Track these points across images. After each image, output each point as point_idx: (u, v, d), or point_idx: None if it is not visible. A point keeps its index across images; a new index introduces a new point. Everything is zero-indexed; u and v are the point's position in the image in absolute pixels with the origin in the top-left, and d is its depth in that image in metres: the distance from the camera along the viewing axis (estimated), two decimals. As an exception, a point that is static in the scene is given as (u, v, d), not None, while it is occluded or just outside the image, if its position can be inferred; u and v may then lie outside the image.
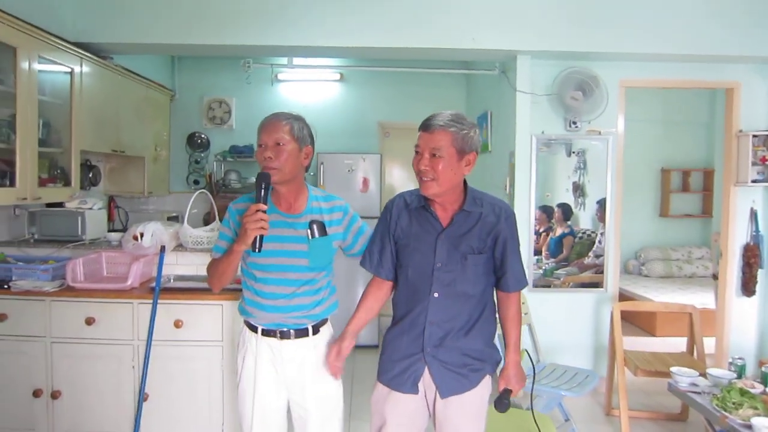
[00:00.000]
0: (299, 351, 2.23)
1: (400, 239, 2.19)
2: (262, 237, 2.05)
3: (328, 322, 2.35)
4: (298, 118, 2.22)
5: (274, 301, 2.19)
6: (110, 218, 4.84)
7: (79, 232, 3.71)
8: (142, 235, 3.42)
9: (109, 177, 5.08)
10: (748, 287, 4.59)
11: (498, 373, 2.26)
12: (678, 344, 4.83)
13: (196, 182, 6.36)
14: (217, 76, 6.44)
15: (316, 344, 2.26)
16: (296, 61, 5.41)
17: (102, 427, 3.20)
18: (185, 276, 3.61)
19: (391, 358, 2.19)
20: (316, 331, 2.26)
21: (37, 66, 3.36)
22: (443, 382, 2.12)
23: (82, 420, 3.19)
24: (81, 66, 3.89)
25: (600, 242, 4.56)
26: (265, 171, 2.11)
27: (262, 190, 2.06)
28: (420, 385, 2.15)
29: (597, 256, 4.56)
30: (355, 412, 3.91)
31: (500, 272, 2.18)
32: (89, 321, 3.13)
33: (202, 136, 6.44)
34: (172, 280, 3.52)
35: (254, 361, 2.24)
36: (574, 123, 4.43)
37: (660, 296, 6.21)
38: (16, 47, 3.17)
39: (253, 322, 2.26)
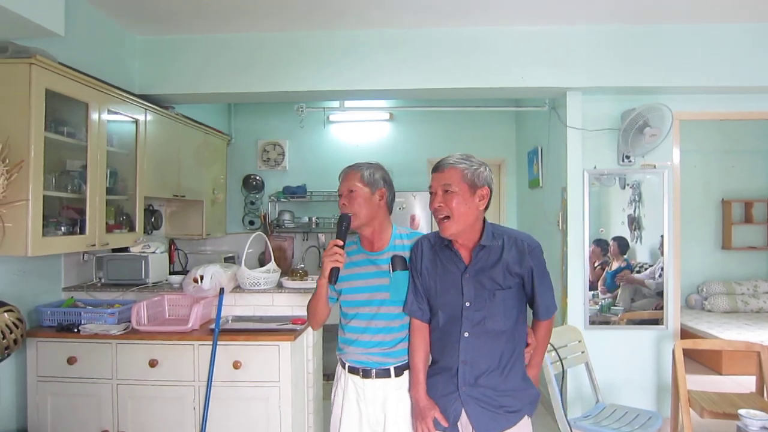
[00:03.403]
0: (381, 391, 2.29)
1: (427, 281, 2.23)
2: (338, 270, 2.21)
3: None
4: (370, 165, 2.37)
5: (357, 335, 2.31)
6: (171, 260, 5.00)
7: (143, 276, 3.86)
8: (201, 277, 3.52)
9: (170, 220, 5.27)
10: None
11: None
12: (745, 382, 4.62)
13: (251, 223, 6.53)
14: (271, 120, 6.65)
15: (399, 386, 2.30)
16: (347, 103, 5.54)
17: (165, 467, 3.27)
18: (243, 317, 3.70)
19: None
20: (399, 373, 2.30)
21: (105, 118, 3.53)
22: (479, 422, 2.13)
23: (146, 461, 3.27)
24: (145, 116, 4.06)
25: (660, 275, 4.44)
26: (348, 214, 2.30)
27: (342, 229, 2.26)
28: (459, 425, 2.17)
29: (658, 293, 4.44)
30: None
31: (530, 303, 2.23)
32: (152, 363, 3.24)
33: (257, 177, 6.63)
34: (230, 321, 3.60)
35: (342, 397, 2.35)
36: (628, 157, 4.37)
37: (725, 332, 5.92)
38: (88, 102, 3.35)
39: (343, 358, 2.38)
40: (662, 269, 4.43)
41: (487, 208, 2.18)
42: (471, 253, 2.17)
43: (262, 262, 5.77)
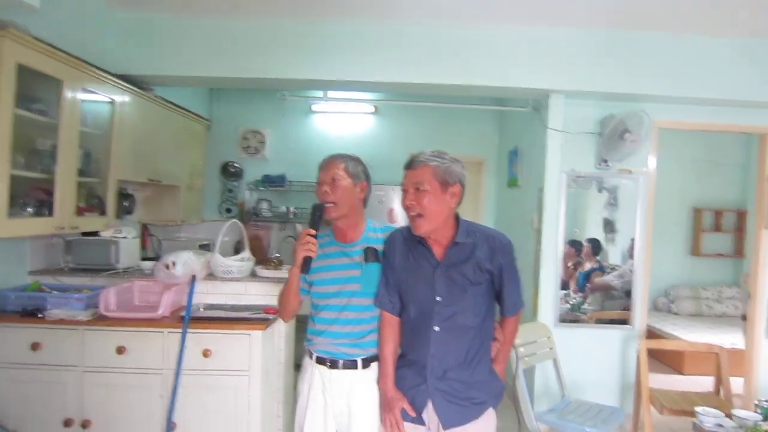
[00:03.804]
0: (347, 381, 2.29)
1: (399, 274, 2.24)
2: (310, 259, 2.20)
3: None
4: (353, 158, 2.37)
5: (327, 326, 2.30)
6: (144, 246, 4.90)
7: (113, 261, 3.76)
8: (173, 264, 3.46)
9: (144, 205, 5.12)
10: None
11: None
12: (706, 383, 4.75)
13: (228, 210, 6.45)
14: (253, 108, 6.57)
15: (365, 378, 2.30)
16: (331, 93, 5.49)
17: (130, 457, 3.20)
18: (215, 305, 3.63)
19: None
20: (366, 365, 2.31)
21: (80, 97, 3.41)
22: (445, 414, 2.15)
23: (111, 450, 3.20)
24: (123, 97, 3.95)
25: (630, 272, 4.52)
26: (323, 204, 2.27)
27: (316, 218, 2.25)
28: (425, 416, 2.19)
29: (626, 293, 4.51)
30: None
31: (498, 299, 2.26)
32: (120, 350, 3.17)
33: (236, 165, 6.55)
34: (201, 309, 3.54)
35: (308, 387, 2.35)
36: (605, 161, 4.41)
37: (689, 335, 6.09)
38: (63, 80, 3.23)
39: (311, 349, 2.36)
40: (631, 271, 4.50)
41: (459, 204, 2.19)
42: (445, 249, 2.18)
43: (237, 250, 5.65)
